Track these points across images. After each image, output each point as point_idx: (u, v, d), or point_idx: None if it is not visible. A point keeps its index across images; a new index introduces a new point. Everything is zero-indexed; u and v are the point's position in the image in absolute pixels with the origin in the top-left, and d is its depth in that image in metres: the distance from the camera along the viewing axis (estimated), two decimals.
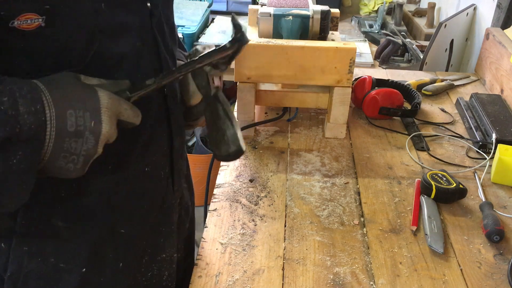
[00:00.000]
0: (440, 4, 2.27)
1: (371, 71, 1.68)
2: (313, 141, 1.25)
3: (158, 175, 0.82)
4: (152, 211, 0.82)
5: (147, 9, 0.69)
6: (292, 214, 1.00)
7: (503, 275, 0.87)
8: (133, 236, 0.79)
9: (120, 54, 0.66)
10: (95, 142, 0.59)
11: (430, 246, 0.91)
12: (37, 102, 0.54)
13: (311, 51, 1.14)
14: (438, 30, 1.70)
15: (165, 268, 0.88)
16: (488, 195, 1.07)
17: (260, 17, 1.19)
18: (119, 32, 0.65)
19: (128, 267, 0.79)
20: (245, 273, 0.86)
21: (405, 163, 1.17)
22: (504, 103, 1.37)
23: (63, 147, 0.57)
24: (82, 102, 0.58)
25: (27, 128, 0.52)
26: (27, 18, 0.55)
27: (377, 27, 2.33)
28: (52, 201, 0.68)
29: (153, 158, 0.79)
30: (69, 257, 0.71)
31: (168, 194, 0.85)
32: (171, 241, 0.89)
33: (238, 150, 0.76)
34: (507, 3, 1.60)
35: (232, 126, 0.76)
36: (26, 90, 0.53)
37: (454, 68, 1.94)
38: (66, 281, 0.72)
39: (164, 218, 0.86)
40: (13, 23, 0.54)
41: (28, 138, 0.53)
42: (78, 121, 0.57)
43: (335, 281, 0.84)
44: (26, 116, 0.52)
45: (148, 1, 0.69)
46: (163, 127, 0.80)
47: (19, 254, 0.69)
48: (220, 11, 2.67)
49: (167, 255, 0.87)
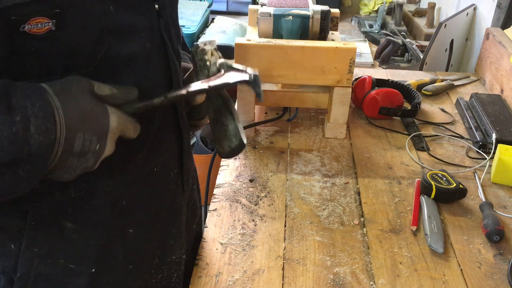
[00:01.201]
0: (440, 4, 2.27)
1: (371, 71, 1.68)
2: (313, 141, 1.25)
3: (167, 176, 0.82)
4: (161, 212, 0.82)
5: (155, 11, 0.70)
6: (292, 214, 1.00)
7: (503, 275, 0.87)
8: (142, 237, 0.78)
9: (129, 55, 0.66)
10: (94, 161, 0.61)
11: (430, 246, 0.91)
12: (48, 120, 0.54)
13: (311, 51, 1.14)
14: (438, 30, 1.70)
15: (174, 270, 0.88)
16: (488, 195, 1.07)
17: (260, 17, 1.19)
18: (127, 34, 0.65)
19: (138, 269, 0.79)
20: (245, 273, 0.86)
21: (405, 163, 1.17)
22: (504, 103, 1.37)
23: (65, 165, 0.58)
24: (92, 125, 0.59)
25: (36, 147, 0.53)
26: (37, 22, 0.55)
27: (377, 27, 2.33)
28: (62, 203, 0.68)
29: (162, 159, 0.79)
30: (79, 258, 0.71)
31: (177, 195, 0.85)
32: (180, 243, 0.89)
33: (240, 144, 0.76)
34: (507, 3, 1.60)
35: (233, 120, 0.77)
36: (39, 107, 0.54)
37: (454, 68, 1.94)
38: (75, 283, 0.72)
39: (173, 219, 0.86)
40: (23, 27, 0.55)
41: (36, 156, 0.54)
42: (85, 143, 0.59)
43: (335, 281, 0.84)
44: (37, 136, 0.53)
45: (156, 3, 0.70)
46: (171, 127, 0.80)
47: (29, 255, 0.69)
48: (220, 11, 2.68)
49: (176, 256, 0.87)
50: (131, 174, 0.73)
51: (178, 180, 0.85)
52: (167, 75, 0.75)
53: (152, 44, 0.70)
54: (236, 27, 2.37)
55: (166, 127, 0.78)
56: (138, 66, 0.68)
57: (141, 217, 0.78)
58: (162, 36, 0.72)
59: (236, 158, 1.16)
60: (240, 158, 1.17)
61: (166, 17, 0.73)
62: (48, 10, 0.55)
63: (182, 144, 0.83)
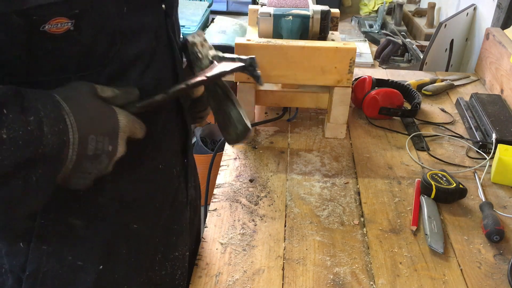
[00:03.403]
0: (440, 4, 2.27)
1: (371, 71, 1.68)
2: (313, 141, 1.25)
3: (171, 173, 0.83)
4: (164, 208, 0.82)
5: (162, 10, 0.72)
6: (292, 214, 1.00)
7: (503, 275, 0.87)
8: (145, 233, 0.79)
9: (136, 54, 0.68)
10: (108, 163, 0.62)
11: (430, 246, 0.91)
12: (60, 122, 0.55)
13: (311, 51, 1.14)
14: (438, 30, 1.70)
15: (178, 267, 0.88)
16: (488, 195, 1.07)
17: (260, 17, 1.19)
18: (137, 33, 0.67)
19: (141, 265, 0.80)
20: (245, 273, 0.86)
21: (405, 163, 1.17)
22: (504, 103, 1.37)
23: (80, 169, 0.59)
24: (102, 126, 0.60)
25: (49, 148, 0.53)
26: (57, 22, 0.56)
27: (377, 27, 2.33)
28: (70, 201, 0.69)
29: (167, 156, 0.80)
30: (86, 255, 0.72)
31: (179, 192, 0.86)
32: (183, 239, 0.89)
33: (245, 129, 0.78)
34: (507, 3, 1.60)
35: (234, 107, 0.78)
36: (50, 109, 0.54)
37: (454, 68, 1.94)
38: (82, 279, 0.72)
39: (176, 216, 0.87)
40: (44, 27, 0.56)
41: (49, 158, 0.54)
42: (98, 145, 0.59)
43: (335, 281, 0.84)
44: (50, 137, 0.53)
45: (163, 3, 0.72)
46: (176, 124, 0.81)
47: (38, 253, 0.69)
48: (220, 11, 2.67)
49: (179, 253, 0.88)
50: (136, 171, 0.74)
51: (180, 177, 0.86)
52: (173, 71, 0.77)
53: (158, 42, 0.72)
54: (236, 27, 2.37)
55: (171, 125, 0.80)
56: (145, 64, 0.69)
57: (145, 213, 0.78)
58: (169, 34, 0.74)
59: (236, 158, 1.16)
60: (240, 158, 1.17)
61: (172, 16, 0.75)
62: (68, 10, 0.57)
63: (186, 141, 0.84)
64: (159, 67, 0.73)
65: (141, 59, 0.69)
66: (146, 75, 0.70)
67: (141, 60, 0.69)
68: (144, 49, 0.69)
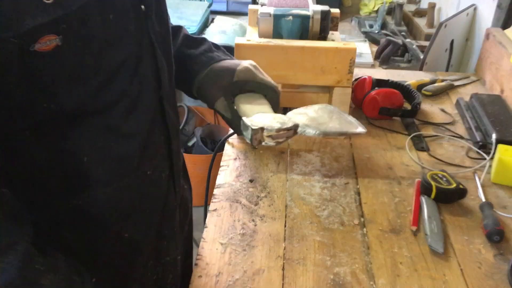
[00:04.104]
0: (440, 4, 2.27)
1: (371, 71, 1.68)
2: (313, 141, 1.25)
3: (159, 178, 0.82)
4: (155, 214, 0.82)
5: (142, 12, 0.69)
6: (292, 214, 1.00)
7: (503, 275, 0.87)
8: (138, 241, 0.79)
9: (121, 61, 0.66)
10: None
11: (430, 246, 0.91)
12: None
13: (311, 51, 1.14)
14: (438, 30, 1.70)
15: (169, 271, 0.88)
16: (488, 195, 1.07)
17: (260, 17, 1.19)
18: (121, 40, 0.65)
19: (136, 272, 0.79)
20: (245, 273, 0.86)
21: (405, 163, 1.17)
22: (504, 103, 1.37)
23: None
24: None
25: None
26: (46, 40, 0.55)
27: (377, 27, 2.33)
28: (61, 214, 0.69)
29: (154, 161, 0.79)
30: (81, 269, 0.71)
31: (169, 196, 0.85)
32: (174, 244, 0.89)
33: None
34: (507, 3, 1.60)
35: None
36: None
37: (454, 68, 1.94)
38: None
39: (167, 221, 0.86)
40: (33, 46, 0.55)
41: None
42: None
43: (335, 281, 0.84)
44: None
45: (142, 3, 0.69)
46: (160, 129, 0.80)
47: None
48: (220, 11, 2.67)
49: (170, 257, 0.87)
50: (126, 179, 0.73)
51: (169, 181, 0.85)
52: (156, 74, 0.75)
53: (140, 46, 0.70)
54: (236, 27, 2.37)
55: (156, 130, 0.78)
56: (129, 70, 0.68)
57: (136, 221, 0.78)
58: (150, 37, 0.72)
59: (236, 158, 1.16)
60: (240, 158, 1.17)
61: (152, 18, 0.72)
62: (56, 26, 0.55)
63: (170, 145, 0.83)
64: (144, 71, 0.71)
65: (125, 66, 0.67)
66: (131, 80, 0.68)
67: (125, 67, 0.67)
68: (128, 55, 0.67)
